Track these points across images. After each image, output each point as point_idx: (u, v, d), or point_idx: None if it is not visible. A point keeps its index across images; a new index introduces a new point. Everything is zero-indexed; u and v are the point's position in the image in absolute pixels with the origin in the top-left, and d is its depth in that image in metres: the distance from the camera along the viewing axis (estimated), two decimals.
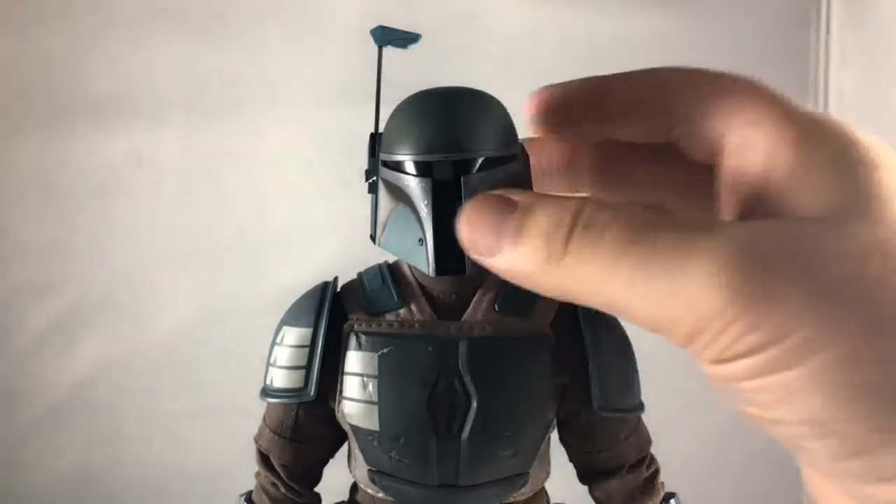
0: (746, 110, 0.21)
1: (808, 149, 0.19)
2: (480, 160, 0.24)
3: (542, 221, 0.19)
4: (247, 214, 0.76)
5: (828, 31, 0.76)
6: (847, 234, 0.17)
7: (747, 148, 0.21)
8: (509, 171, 0.24)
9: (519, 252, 0.20)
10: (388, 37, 0.26)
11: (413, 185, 0.24)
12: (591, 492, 0.29)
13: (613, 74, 0.25)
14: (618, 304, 0.18)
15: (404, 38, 0.26)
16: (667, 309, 0.17)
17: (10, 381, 0.76)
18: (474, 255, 0.21)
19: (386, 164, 0.25)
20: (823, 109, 0.77)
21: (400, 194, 0.24)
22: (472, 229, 0.21)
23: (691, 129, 0.23)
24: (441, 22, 0.72)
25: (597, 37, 0.75)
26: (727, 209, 0.21)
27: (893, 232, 0.17)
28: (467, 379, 0.25)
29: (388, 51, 0.27)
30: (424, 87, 0.26)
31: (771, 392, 0.17)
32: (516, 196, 0.20)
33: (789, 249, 0.17)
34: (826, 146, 0.19)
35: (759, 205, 0.20)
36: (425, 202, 0.24)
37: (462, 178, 0.24)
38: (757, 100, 0.21)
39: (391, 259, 0.28)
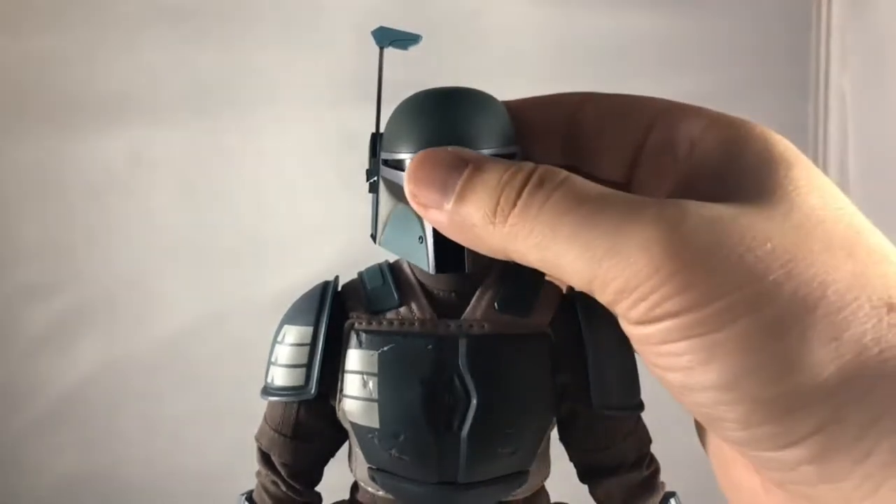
0: (667, 118, 0.23)
1: (738, 150, 0.21)
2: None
3: (492, 178, 0.20)
4: (247, 214, 0.76)
5: (828, 31, 0.76)
6: (775, 215, 0.19)
7: (667, 152, 0.22)
8: None
9: (466, 207, 0.20)
10: (388, 37, 0.26)
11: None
12: (590, 491, 0.29)
13: (585, 93, 0.26)
14: (555, 260, 0.19)
15: (405, 39, 0.26)
16: (602, 267, 0.18)
17: (10, 381, 0.76)
18: (416, 207, 0.21)
19: (387, 162, 0.25)
20: (824, 109, 0.77)
21: (400, 193, 0.24)
22: (416, 181, 0.21)
23: (608, 144, 0.24)
24: (442, 21, 0.72)
25: (597, 36, 0.75)
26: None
27: (806, 217, 0.19)
28: (467, 376, 0.25)
29: (389, 51, 0.27)
30: (425, 87, 0.26)
31: (692, 354, 0.18)
32: (467, 154, 0.21)
33: (726, 227, 0.18)
34: (752, 147, 0.21)
35: (696, 194, 0.21)
36: None
37: None
38: (673, 109, 0.24)
39: (392, 258, 0.28)
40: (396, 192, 0.25)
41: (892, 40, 0.69)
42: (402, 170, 0.24)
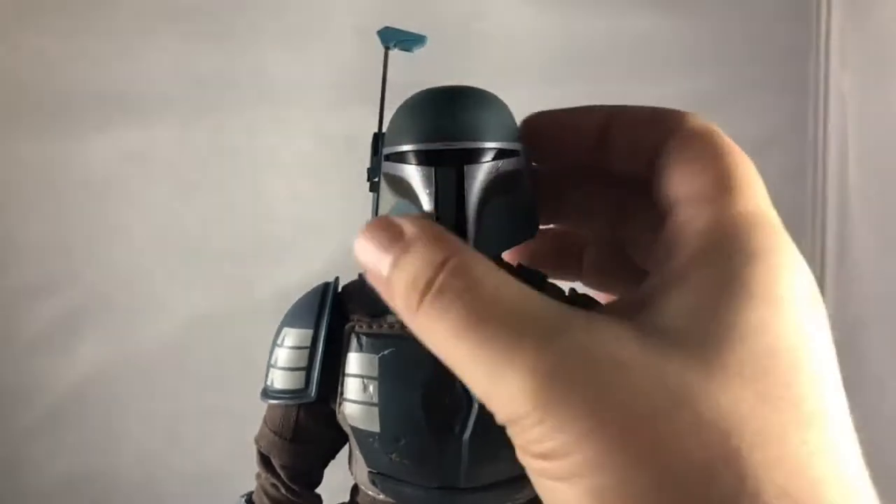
0: (709, 186, 0.22)
1: (705, 258, 0.20)
2: (485, 151, 0.24)
3: (409, 268, 0.20)
4: (247, 214, 0.76)
5: (828, 31, 0.76)
6: (661, 368, 0.18)
7: (671, 240, 0.21)
8: (511, 165, 0.24)
9: (391, 288, 0.21)
10: (394, 38, 0.26)
11: (415, 175, 0.24)
12: None
13: (607, 107, 0.25)
14: (458, 370, 0.20)
15: (410, 40, 0.26)
16: (490, 395, 0.19)
17: (10, 381, 0.76)
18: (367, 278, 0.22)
19: (388, 157, 0.25)
20: (823, 109, 0.77)
21: (401, 188, 0.24)
22: (360, 253, 0.22)
23: (663, 185, 0.23)
24: (442, 23, 0.72)
25: (597, 37, 0.75)
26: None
27: (707, 373, 0.18)
28: None
29: (391, 52, 0.27)
30: (424, 87, 0.26)
31: (553, 495, 0.19)
32: (407, 227, 0.21)
33: (598, 372, 0.18)
34: (721, 261, 0.20)
35: (647, 284, 0.21)
36: (428, 191, 0.24)
37: (465, 168, 0.24)
38: (720, 177, 0.22)
39: None
40: (396, 185, 0.25)
41: (892, 40, 0.69)
42: (404, 162, 0.24)
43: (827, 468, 0.18)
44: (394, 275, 0.21)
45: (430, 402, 0.24)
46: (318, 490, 0.30)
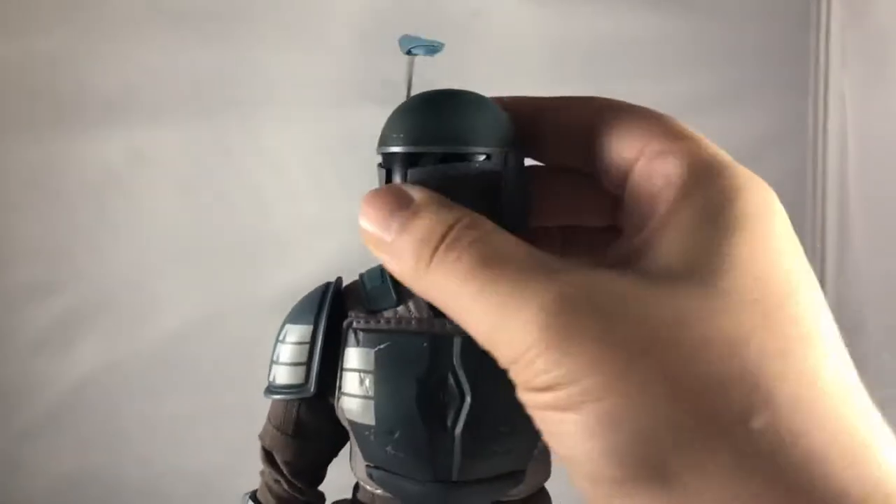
0: (657, 141, 0.22)
1: (684, 200, 0.21)
2: (469, 157, 0.24)
3: (419, 228, 0.21)
4: (247, 214, 0.76)
5: (828, 31, 0.76)
6: (661, 299, 0.19)
7: (646, 182, 0.22)
8: (493, 167, 0.24)
9: (396, 252, 0.21)
10: (413, 44, 0.26)
11: (398, 176, 0.25)
12: None
13: (547, 98, 0.26)
14: (463, 317, 0.20)
15: (429, 47, 0.27)
16: (496, 332, 0.19)
17: (10, 381, 0.76)
18: (367, 245, 0.22)
19: (382, 157, 0.25)
20: (823, 109, 0.77)
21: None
22: (364, 219, 0.22)
23: (606, 154, 0.24)
24: (442, 22, 0.72)
25: (597, 37, 0.75)
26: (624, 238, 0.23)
27: (704, 299, 0.19)
28: (461, 375, 0.25)
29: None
30: (424, 87, 0.26)
31: (558, 427, 0.19)
32: (415, 193, 0.22)
33: (602, 304, 0.19)
34: (700, 199, 0.20)
35: (629, 243, 0.21)
36: None
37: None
38: (669, 131, 0.22)
39: None
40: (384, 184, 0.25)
41: (892, 40, 0.69)
42: (391, 163, 0.25)
43: (830, 380, 0.19)
44: (402, 238, 0.21)
45: (423, 395, 0.25)
46: (322, 487, 0.30)
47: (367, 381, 0.26)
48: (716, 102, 0.75)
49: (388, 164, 0.25)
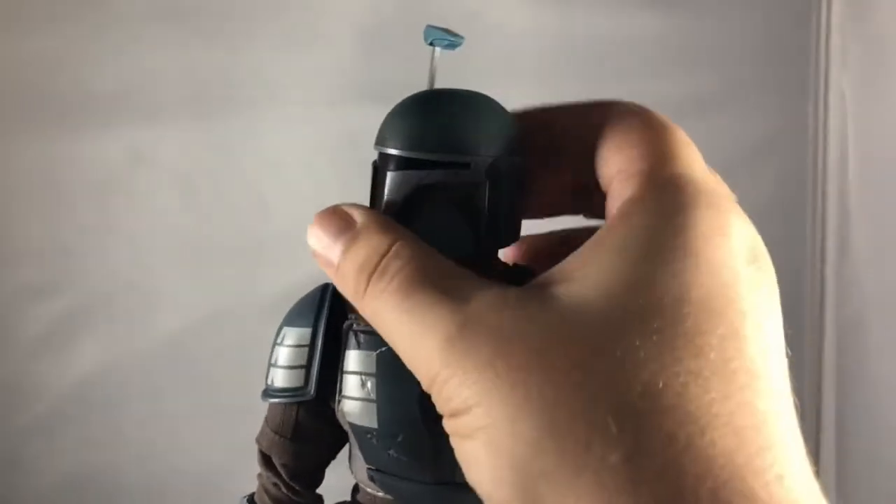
0: (636, 160, 0.22)
1: (618, 224, 0.20)
2: (449, 165, 0.24)
3: (357, 254, 0.22)
4: (247, 214, 0.76)
5: (828, 31, 0.76)
6: (551, 322, 0.19)
7: (610, 204, 0.22)
8: (460, 177, 0.24)
9: (341, 276, 0.23)
10: (435, 36, 0.26)
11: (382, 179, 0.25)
12: None
13: (561, 107, 0.26)
14: (392, 342, 0.21)
15: (448, 40, 0.27)
16: (414, 359, 0.21)
17: (10, 381, 0.76)
18: (319, 265, 0.23)
19: (379, 155, 0.25)
20: (823, 109, 0.77)
21: (384, 184, 0.25)
22: (311, 239, 0.23)
23: (598, 171, 0.23)
24: (441, 22, 0.72)
25: (597, 37, 0.75)
26: None
27: (585, 318, 0.19)
28: None
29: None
30: (424, 87, 0.26)
31: (460, 452, 0.20)
32: (357, 215, 0.23)
33: (495, 328, 0.19)
34: (634, 222, 0.20)
35: (561, 266, 0.21)
36: None
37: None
38: (648, 151, 0.22)
39: None
40: (392, 186, 0.25)
41: (892, 40, 0.69)
42: (385, 164, 0.25)
43: (715, 413, 0.18)
44: (344, 262, 0.22)
45: (426, 398, 0.25)
46: (319, 490, 0.30)
47: (368, 384, 0.26)
48: (716, 102, 0.75)
49: (382, 161, 0.25)
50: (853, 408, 0.73)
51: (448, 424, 0.20)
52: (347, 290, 0.22)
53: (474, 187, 0.24)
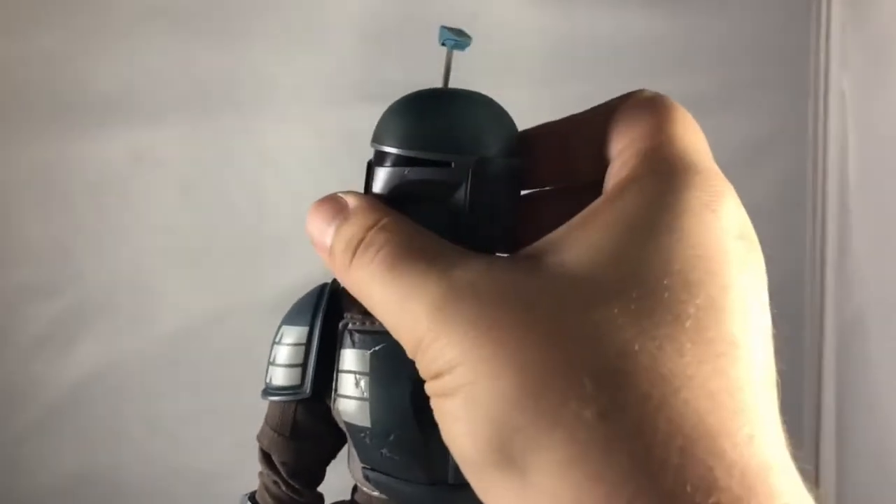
0: (635, 141, 0.22)
1: (613, 200, 0.21)
2: (429, 163, 0.24)
3: (346, 232, 0.23)
4: (247, 214, 0.76)
5: (828, 31, 0.76)
6: (538, 286, 0.20)
7: (606, 185, 0.23)
8: (439, 176, 0.24)
9: (331, 257, 0.23)
10: (446, 37, 0.27)
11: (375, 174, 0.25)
12: None
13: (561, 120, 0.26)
14: (376, 312, 0.22)
15: (456, 41, 0.27)
16: (399, 326, 0.21)
17: (10, 381, 0.76)
18: (315, 251, 0.24)
19: (375, 153, 0.25)
20: (823, 109, 0.77)
21: (381, 182, 0.25)
22: (308, 226, 0.24)
23: (594, 161, 0.24)
24: (440, 22, 0.72)
25: (597, 36, 0.75)
26: None
27: (567, 285, 0.19)
28: None
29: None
30: (424, 87, 0.26)
31: (439, 412, 0.20)
32: (350, 200, 0.24)
33: (482, 291, 0.20)
34: (629, 199, 0.21)
35: (549, 237, 0.22)
36: None
37: None
38: (645, 132, 0.22)
39: None
40: (378, 182, 0.25)
41: (892, 40, 0.69)
42: (382, 162, 0.25)
43: (696, 377, 0.18)
44: (335, 242, 0.23)
45: (419, 397, 0.25)
46: (321, 488, 0.30)
47: (362, 383, 0.26)
48: (716, 102, 0.75)
49: (379, 158, 0.25)
50: (853, 407, 0.73)
51: (430, 386, 0.20)
52: (336, 267, 0.23)
53: (455, 186, 0.24)
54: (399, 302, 0.21)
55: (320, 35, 0.75)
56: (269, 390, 0.28)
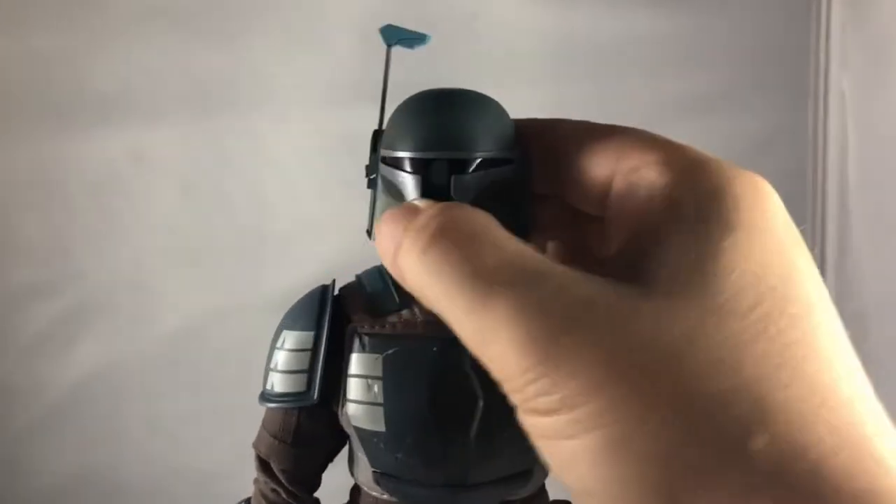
0: (632, 155, 0.21)
1: (672, 208, 0.19)
2: (476, 161, 0.24)
3: (417, 223, 0.20)
4: (247, 214, 0.76)
5: (828, 31, 0.76)
6: (660, 314, 0.17)
7: (627, 196, 0.21)
8: (503, 174, 0.24)
9: (401, 256, 0.20)
10: (396, 36, 0.26)
11: (408, 182, 0.24)
12: None
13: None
14: (454, 325, 0.19)
15: (412, 38, 0.26)
16: (485, 345, 0.18)
17: (10, 381, 0.76)
18: (384, 262, 0.21)
19: (385, 160, 0.25)
20: (823, 109, 0.77)
21: (395, 192, 0.24)
22: (380, 237, 0.21)
23: (580, 176, 0.23)
24: (441, 22, 0.72)
25: (597, 36, 0.75)
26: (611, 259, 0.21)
27: (705, 313, 0.18)
28: (473, 377, 0.25)
29: (394, 50, 0.27)
30: (424, 87, 0.26)
31: (560, 455, 0.18)
32: (424, 203, 0.21)
33: (601, 321, 0.17)
34: (688, 204, 0.19)
35: (622, 260, 0.20)
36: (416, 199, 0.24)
37: (452, 178, 0.23)
38: (642, 143, 0.21)
39: None
40: (392, 189, 0.25)
41: (892, 40, 0.69)
42: (399, 168, 0.24)
43: (834, 386, 0.18)
44: (405, 239, 0.20)
45: (436, 400, 0.24)
46: (317, 492, 0.30)
47: (375, 388, 0.25)
48: (716, 102, 0.75)
49: (394, 165, 0.24)
50: None
51: (537, 423, 0.18)
52: (392, 258, 0.20)
53: (509, 185, 0.24)
54: (481, 310, 0.18)
55: (320, 35, 0.75)
56: (269, 396, 0.27)
